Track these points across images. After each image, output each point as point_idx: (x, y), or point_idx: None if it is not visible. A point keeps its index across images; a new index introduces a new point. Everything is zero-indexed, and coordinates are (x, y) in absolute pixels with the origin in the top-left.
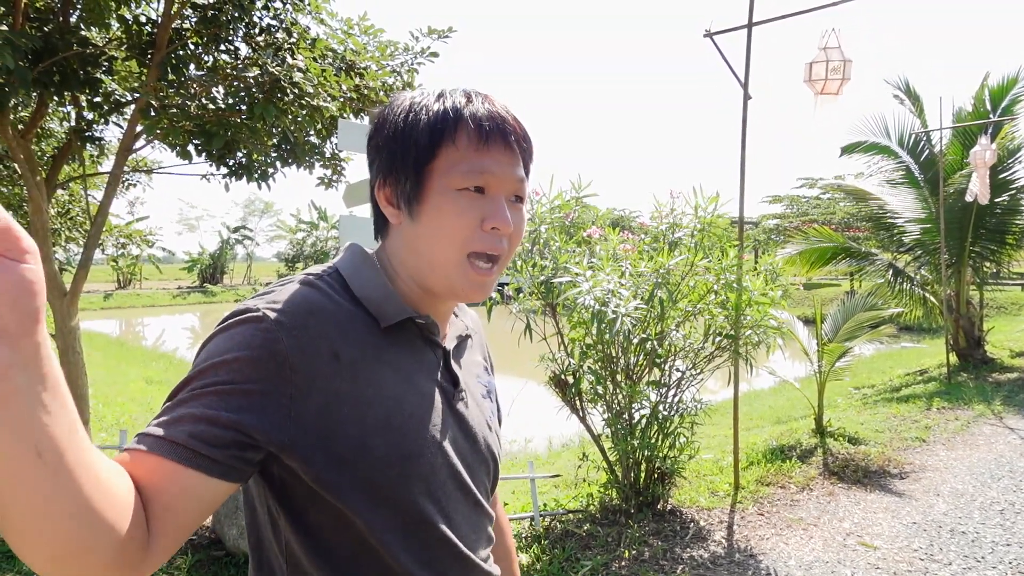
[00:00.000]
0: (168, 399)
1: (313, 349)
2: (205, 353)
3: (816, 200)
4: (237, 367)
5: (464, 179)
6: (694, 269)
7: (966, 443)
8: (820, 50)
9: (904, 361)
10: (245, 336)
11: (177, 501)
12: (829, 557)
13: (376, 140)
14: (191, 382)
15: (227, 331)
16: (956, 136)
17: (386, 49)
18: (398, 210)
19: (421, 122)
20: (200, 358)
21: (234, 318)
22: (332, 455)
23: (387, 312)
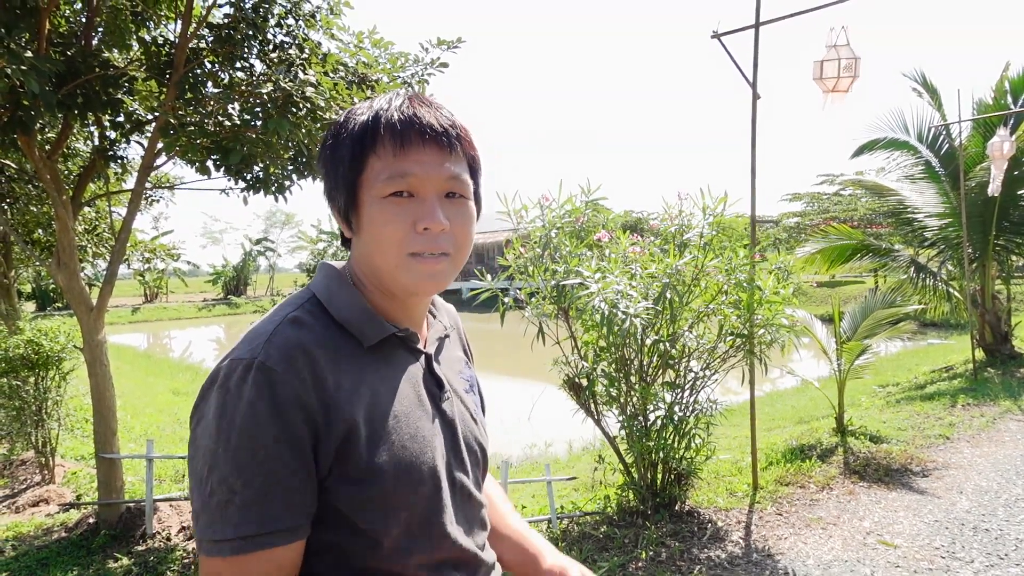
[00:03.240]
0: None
1: (320, 386)
2: (227, 428)
3: (837, 197)
4: (265, 428)
5: (386, 186)
6: (704, 269)
7: (992, 440)
8: (829, 48)
9: (930, 358)
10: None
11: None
12: (848, 556)
13: (328, 149)
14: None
15: (239, 391)
16: (976, 128)
17: (397, 61)
18: (346, 225)
19: (344, 137)
20: (207, 431)
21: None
22: (346, 479)
23: (368, 333)
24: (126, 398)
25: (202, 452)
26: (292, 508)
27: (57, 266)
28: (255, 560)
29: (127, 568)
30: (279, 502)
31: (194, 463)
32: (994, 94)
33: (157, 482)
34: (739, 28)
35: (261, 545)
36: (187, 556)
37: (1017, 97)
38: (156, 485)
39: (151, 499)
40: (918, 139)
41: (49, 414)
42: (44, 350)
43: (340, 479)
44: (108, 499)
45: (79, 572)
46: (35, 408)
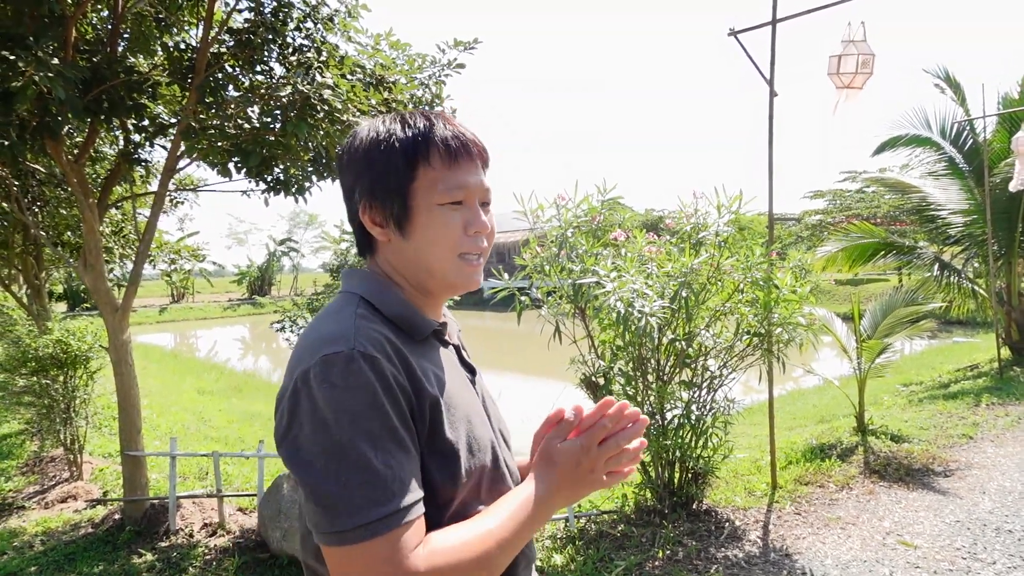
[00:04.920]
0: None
1: (409, 370)
2: (347, 416)
3: (859, 194)
4: (383, 410)
5: (446, 195)
6: (721, 268)
7: (1016, 439)
8: (846, 43)
9: (955, 356)
10: (374, 378)
11: None
12: (867, 556)
13: (354, 169)
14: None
15: (348, 381)
16: (1002, 123)
17: (414, 62)
18: (385, 229)
19: (395, 148)
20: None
21: (336, 367)
22: (434, 452)
23: (420, 327)
24: (152, 397)
25: (321, 448)
26: (418, 478)
27: (84, 267)
28: (411, 530)
29: (151, 564)
30: (413, 472)
31: (310, 466)
32: (1021, 88)
33: (180, 479)
34: (756, 25)
35: (415, 513)
36: (208, 553)
37: None
38: (180, 482)
39: (174, 496)
40: (941, 135)
41: (77, 412)
42: (72, 350)
43: (430, 454)
44: (133, 496)
45: (104, 567)
46: (63, 406)
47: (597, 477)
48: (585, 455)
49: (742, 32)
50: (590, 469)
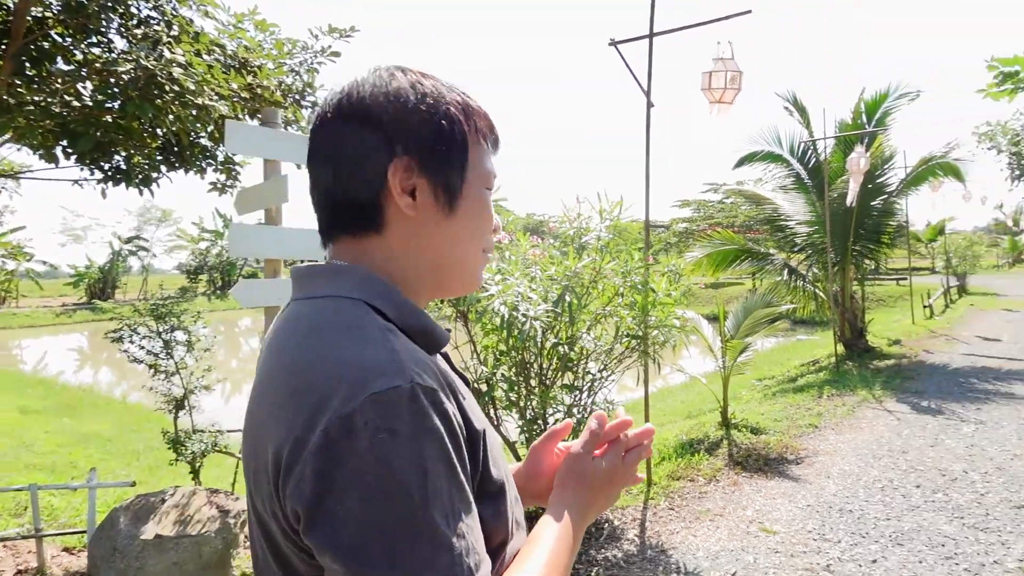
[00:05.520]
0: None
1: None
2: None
3: (721, 204)
4: (451, 463)
5: (490, 178)
6: (602, 272)
7: (852, 427)
8: (716, 60)
9: (800, 353)
10: (438, 418)
11: None
12: (734, 545)
13: (398, 119)
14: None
15: (414, 422)
16: (838, 145)
17: (283, 47)
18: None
19: (461, 112)
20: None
21: (398, 406)
22: (485, 501)
23: (438, 340)
24: None
25: (379, 524)
26: (482, 540)
27: None
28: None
29: None
30: (479, 536)
31: (360, 551)
32: (852, 115)
33: None
34: (635, 37)
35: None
36: None
37: (871, 117)
38: None
39: None
40: (790, 153)
41: None
42: None
43: (479, 498)
44: None
45: None
46: None
47: (620, 491)
48: (619, 472)
49: (622, 43)
50: (622, 484)
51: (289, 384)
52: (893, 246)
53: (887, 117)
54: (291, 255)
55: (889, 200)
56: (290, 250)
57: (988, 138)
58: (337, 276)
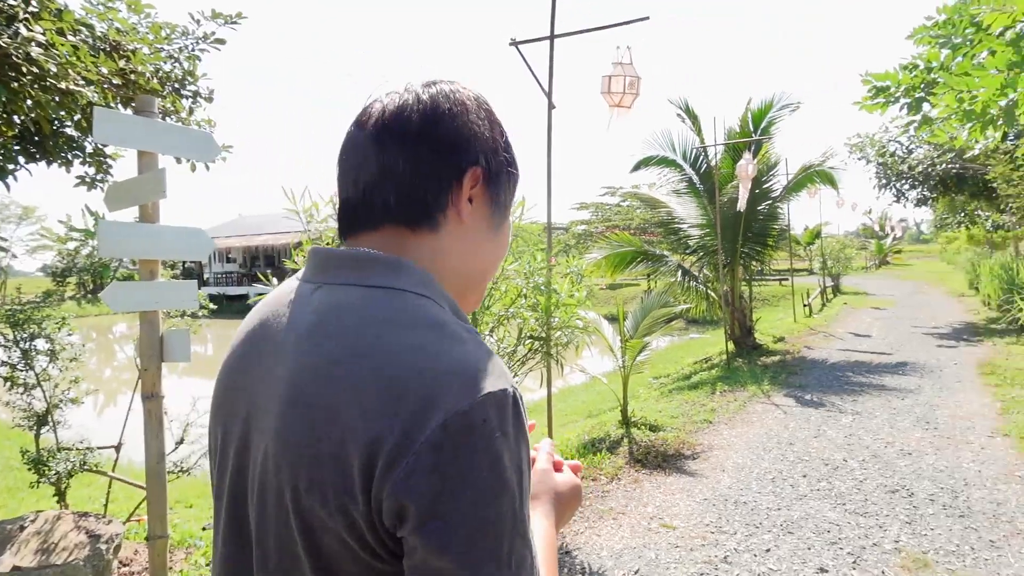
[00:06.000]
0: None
1: None
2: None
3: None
4: (529, 459)
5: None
6: (505, 273)
7: (743, 421)
8: (615, 64)
9: (694, 351)
10: (525, 424)
11: None
12: (636, 543)
13: (479, 127)
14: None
15: (515, 428)
16: (728, 151)
17: (160, 30)
18: (486, 212)
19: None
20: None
21: (505, 411)
22: None
23: None
24: None
25: (505, 499)
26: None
27: None
28: None
29: None
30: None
31: (490, 521)
32: (740, 123)
33: None
34: (536, 38)
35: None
36: None
37: (757, 126)
38: None
39: None
40: (683, 158)
41: None
42: None
43: None
44: None
45: None
46: None
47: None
48: (578, 486)
49: (523, 44)
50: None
51: (381, 376)
52: (777, 248)
53: (772, 126)
54: (169, 255)
55: (774, 205)
56: (168, 250)
57: (858, 149)
58: (398, 269)
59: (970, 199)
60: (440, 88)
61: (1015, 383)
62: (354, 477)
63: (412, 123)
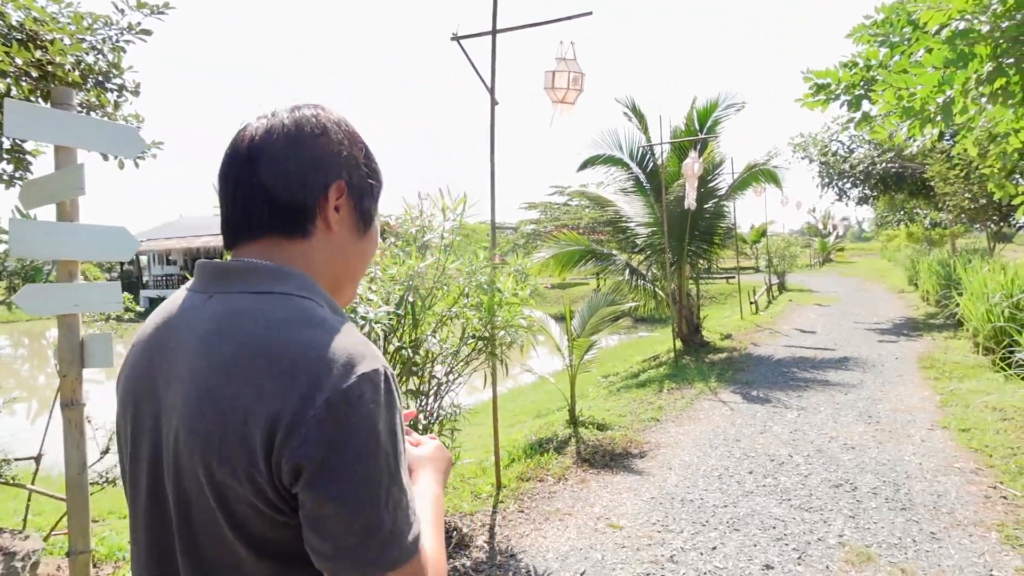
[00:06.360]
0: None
1: None
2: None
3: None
4: (402, 425)
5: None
6: (447, 272)
7: (691, 418)
8: (559, 60)
9: (642, 349)
10: (396, 397)
11: None
12: (582, 544)
13: (343, 145)
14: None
15: (387, 401)
16: (674, 150)
17: (82, 20)
18: (351, 220)
19: (377, 162)
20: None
21: (379, 385)
22: None
23: None
24: None
25: (373, 476)
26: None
27: None
28: (422, 546)
29: None
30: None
31: (361, 496)
32: (686, 122)
33: None
34: (478, 33)
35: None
36: None
37: (703, 125)
38: None
39: None
40: (630, 157)
41: None
42: None
43: None
44: None
45: None
46: None
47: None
48: (439, 445)
49: (465, 38)
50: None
51: (274, 366)
52: (724, 247)
53: (717, 125)
54: (88, 256)
55: (720, 203)
56: (87, 250)
57: (801, 148)
58: (281, 276)
59: (909, 197)
60: (303, 112)
61: (952, 376)
62: (257, 450)
63: (279, 144)
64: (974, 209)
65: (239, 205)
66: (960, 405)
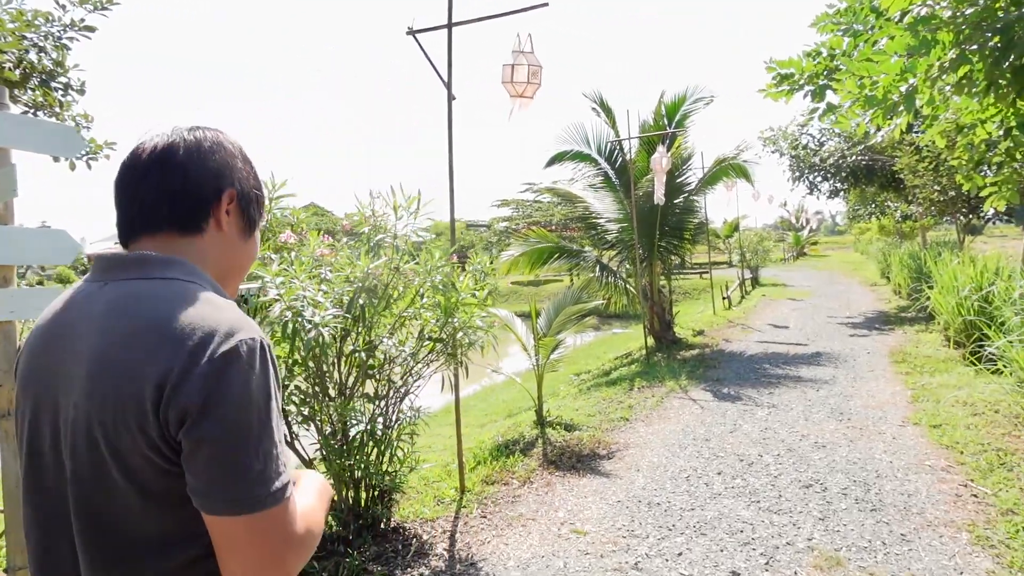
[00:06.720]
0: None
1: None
2: (262, 397)
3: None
4: (277, 397)
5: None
6: (402, 272)
7: (660, 417)
8: (516, 53)
9: (616, 346)
10: (273, 368)
11: None
12: (545, 551)
13: (231, 159)
14: (269, 424)
15: (263, 367)
16: (642, 145)
17: (23, 17)
18: (229, 221)
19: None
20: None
21: (255, 352)
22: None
23: None
24: None
25: (247, 426)
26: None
27: None
28: (293, 498)
29: None
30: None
31: (236, 441)
32: (654, 117)
33: None
34: (433, 27)
35: (292, 485)
36: None
37: (671, 119)
38: None
39: None
40: (598, 152)
41: None
42: None
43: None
44: None
45: None
46: None
47: None
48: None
49: (420, 32)
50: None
51: (165, 335)
52: (695, 242)
53: (686, 119)
54: (25, 260)
55: (689, 198)
56: (24, 254)
57: (771, 142)
58: (170, 265)
59: (880, 190)
60: (204, 131)
61: (924, 370)
62: (148, 405)
63: (182, 154)
64: (943, 201)
65: (140, 204)
66: (931, 400)
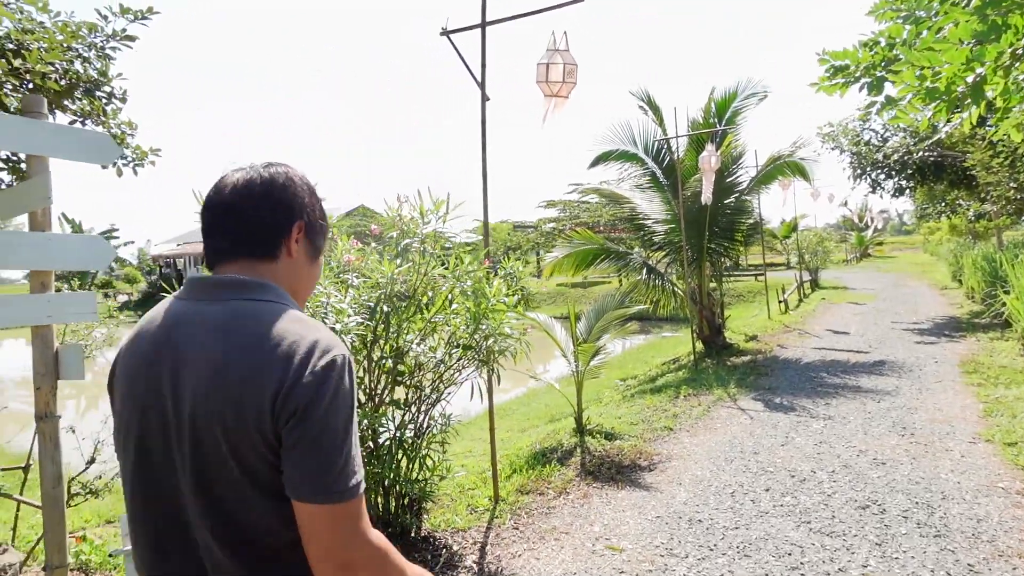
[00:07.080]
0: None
1: None
2: (349, 402)
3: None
4: (356, 401)
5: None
6: (430, 277)
7: (706, 428)
8: (551, 52)
9: (664, 350)
10: (352, 374)
11: None
12: (577, 567)
13: (303, 195)
14: (353, 427)
15: (351, 376)
16: (691, 144)
17: (67, 28)
18: (299, 248)
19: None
20: (341, 400)
21: (347, 364)
22: None
23: None
24: None
25: (343, 424)
26: None
27: None
28: (363, 496)
29: None
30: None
31: (336, 435)
32: (703, 114)
33: None
34: (467, 27)
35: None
36: None
37: (721, 117)
38: None
39: None
40: (645, 152)
41: None
42: None
43: None
44: None
45: None
46: None
47: None
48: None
49: (454, 32)
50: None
51: (277, 350)
52: (748, 243)
53: (737, 116)
54: (62, 266)
55: (741, 198)
56: (61, 260)
57: (831, 138)
58: (265, 288)
59: (949, 188)
60: (276, 168)
61: (999, 382)
62: (266, 408)
63: (258, 190)
64: (1021, 199)
65: (224, 234)
66: (1006, 415)
